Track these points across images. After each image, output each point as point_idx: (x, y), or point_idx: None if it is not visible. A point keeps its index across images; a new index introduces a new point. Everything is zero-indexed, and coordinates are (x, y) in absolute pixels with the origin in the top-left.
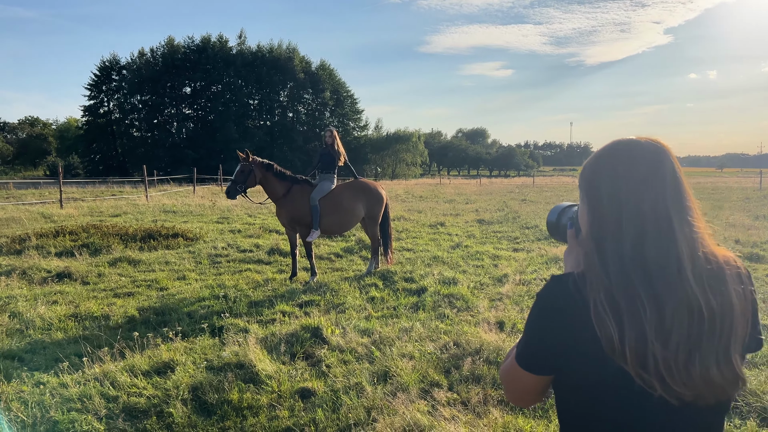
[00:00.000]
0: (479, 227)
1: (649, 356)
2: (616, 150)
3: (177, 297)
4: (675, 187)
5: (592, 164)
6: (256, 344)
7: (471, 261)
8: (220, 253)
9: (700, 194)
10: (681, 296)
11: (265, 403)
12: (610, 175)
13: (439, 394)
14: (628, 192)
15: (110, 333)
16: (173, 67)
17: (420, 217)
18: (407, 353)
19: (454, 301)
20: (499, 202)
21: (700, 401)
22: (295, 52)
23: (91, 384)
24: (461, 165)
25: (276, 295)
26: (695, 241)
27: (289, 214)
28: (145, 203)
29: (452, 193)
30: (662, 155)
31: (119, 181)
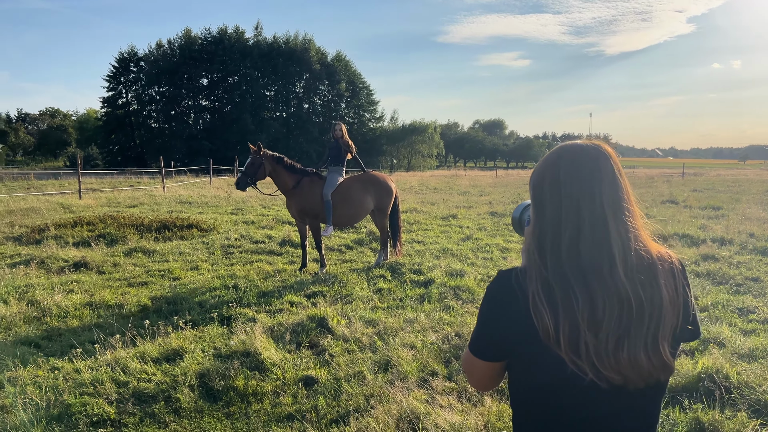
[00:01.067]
0: (491, 219)
1: (582, 344)
2: (561, 153)
3: (189, 287)
4: (613, 188)
5: (538, 168)
6: (262, 333)
7: (480, 253)
8: (233, 243)
9: (719, 187)
10: (612, 290)
11: (269, 390)
12: (553, 178)
13: (437, 383)
14: (567, 194)
15: (123, 321)
16: (190, 58)
17: (432, 209)
18: (409, 343)
19: (460, 293)
20: (514, 194)
21: (629, 385)
22: (311, 43)
23: (103, 370)
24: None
25: (285, 285)
26: (629, 239)
27: (299, 206)
28: (162, 194)
29: (467, 185)
30: (602, 159)
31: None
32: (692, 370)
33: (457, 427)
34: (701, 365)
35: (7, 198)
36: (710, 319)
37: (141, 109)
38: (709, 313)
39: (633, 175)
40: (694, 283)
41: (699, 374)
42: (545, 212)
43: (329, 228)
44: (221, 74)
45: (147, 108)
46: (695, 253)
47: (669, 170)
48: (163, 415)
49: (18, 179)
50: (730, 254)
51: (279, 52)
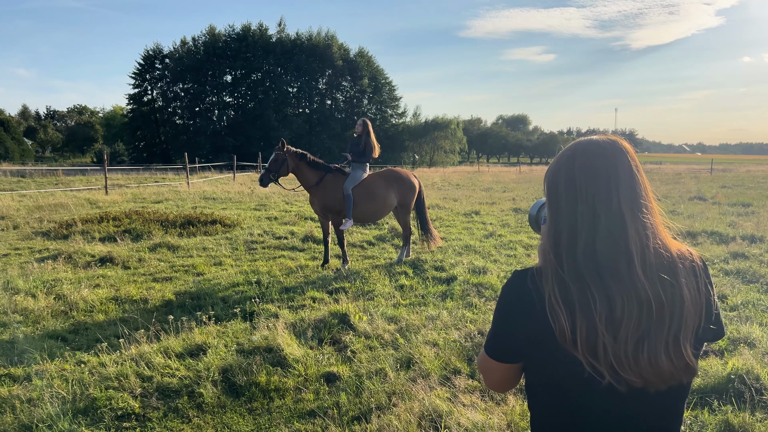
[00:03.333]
0: (514, 216)
1: (599, 346)
2: (576, 150)
3: (212, 282)
4: (630, 185)
5: (553, 165)
6: (284, 329)
7: (503, 250)
8: (255, 239)
9: (749, 183)
10: (630, 289)
11: (291, 386)
12: (568, 174)
13: (459, 382)
14: (583, 191)
15: (147, 316)
16: (214, 55)
17: (455, 205)
18: (431, 341)
19: (482, 290)
20: (538, 190)
21: (650, 387)
22: (333, 39)
23: (128, 364)
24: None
25: (307, 281)
26: (647, 237)
27: (322, 202)
28: (186, 190)
29: (490, 181)
30: (619, 155)
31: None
32: (721, 371)
33: (480, 426)
34: (731, 366)
35: (36, 194)
36: (740, 318)
37: (166, 105)
38: (739, 312)
39: (659, 171)
40: (723, 281)
41: (728, 375)
42: (561, 211)
43: (348, 221)
44: (245, 71)
45: (172, 104)
46: (724, 251)
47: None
48: (187, 410)
49: (46, 175)
50: (761, 252)
51: (302, 49)
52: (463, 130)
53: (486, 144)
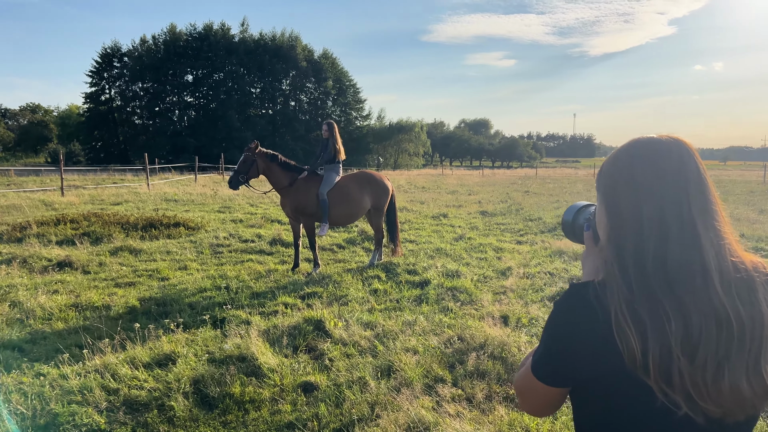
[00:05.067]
0: (482, 219)
1: (675, 371)
2: (636, 150)
3: (178, 287)
4: (700, 189)
5: (610, 165)
6: (258, 337)
7: (474, 253)
8: (221, 243)
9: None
10: (708, 307)
11: (267, 397)
12: (630, 176)
13: (443, 390)
14: (648, 195)
15: (111, 323)
16: (175, 54)
17: (423, 208)
18: (411, 347)
19: (457, 294)
20: (502, 193)
21: (728, 418)
22: (297, 41)
23: (92, 376)
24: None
25: (278, 286)
26: (722, 247)
27: (294, 204)
28: (147, 191)
29: (455, 184)
30: (685, 155)
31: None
32: None
33: None
34: None
35: None
36: None
37: (125, 105)
38: None
39: None
40: None
41: None
42: (623, 219)
43: (325, 227)
44: (206, 71)
45: (131, 104)
46: None
47: None
48: (157, 424)
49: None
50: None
51: (265, 49)
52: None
53: (449, 147)
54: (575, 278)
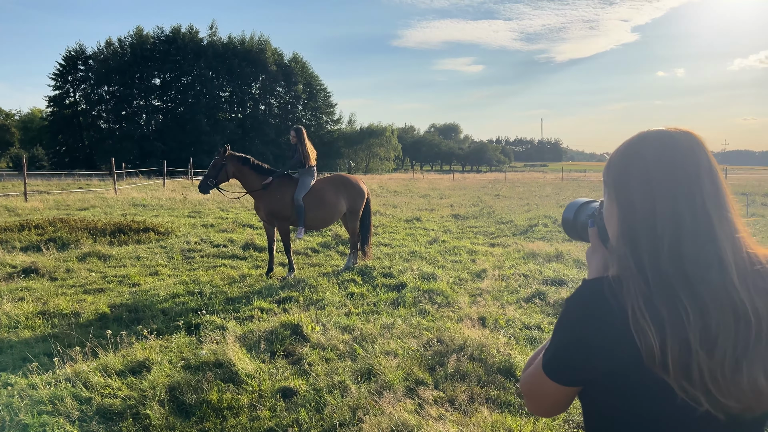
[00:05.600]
0: (455, 222)
1: (694, 367)
2: (647, 142)
3: (150, 293)
4: (712, 181)
5: (619, 158)
6: (234, 342)
7: (449, 256)
8: (193, 248)
9: None
10: (725, 301)
11: (245, 403)
12: (641, 170)
13: (425, 393)
14: (661, 188)
15: (81, 331)
16: (142, 57)
17: (395, 212)
18: (390, 350)
19: (434, 296)
20: (473, 197)
21: (746, 414)
22: (267, 44)
23: (63, 385)
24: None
25: (253, 291)
26: (737, 240)
27: (268, 208)
28: (114, 196)
29: (426, 188)
30: (696, 147)
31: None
32: None
33: None
34: None
35: None
36: None
37: (90, 108)
38: None
39: (585, 178)
40: None
41: None
42: (635, 213)
43: (301, 230)
44: (174, 74)
45: (96, 108)
46: None
47: None
48: None
49: None
50: None
51: (234, 53)
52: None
53: (420, 152)
54: (548, 279)
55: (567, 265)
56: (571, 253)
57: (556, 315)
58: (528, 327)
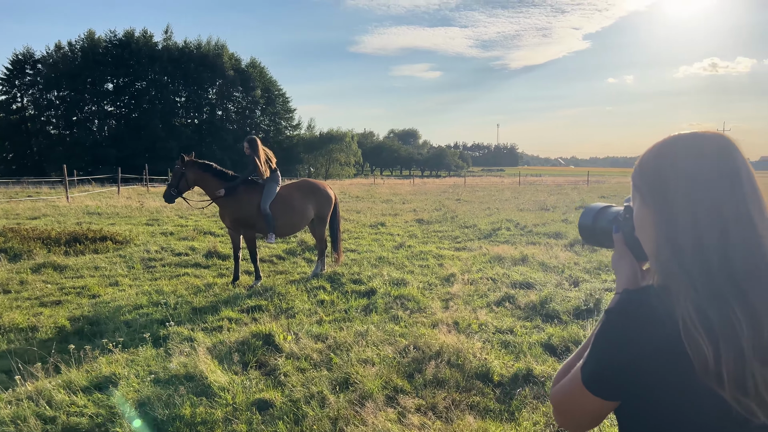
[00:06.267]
0: (419, 227)
1: (748, 377)
2: (682, 146)
3: (111, 305)
4: (750, 182)
5: (653, 161)
6: (206, 354)
7: (416, 261)
8: (153, 256)
9: (623, 193)
10: None
11: (220, 418)
12: (681, 172)
13: (405, 401)
14: (702, 193)
15: (40, 346)
16: (94, 62)
17: (359, 217)
18: (366, 358)
19: (405, 302)
20: (435, 201)
21: None
22: (224, 49)
23: (25, 404)
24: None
25: (219, 300)
26: None
27: (233, 215)
28: (66, 205)
29: (388, 193)
30: (732, 149)
31: (35, 182)
32: None
33: None
34: None
35: None
36: None
37: (39, 114)
38: None
39: (542, 182)
40: None
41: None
42: (676, 218)
43: (272, 236)
44: (128, 79)
45: (45, 113)
46: None
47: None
48: None
49: None
50: None
51: (190, 57)
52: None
53: (379, 157)
54: (516, 283)
55: (533, 268)
56: (536, 256)
57: (527, 318)
58: (501, 331)
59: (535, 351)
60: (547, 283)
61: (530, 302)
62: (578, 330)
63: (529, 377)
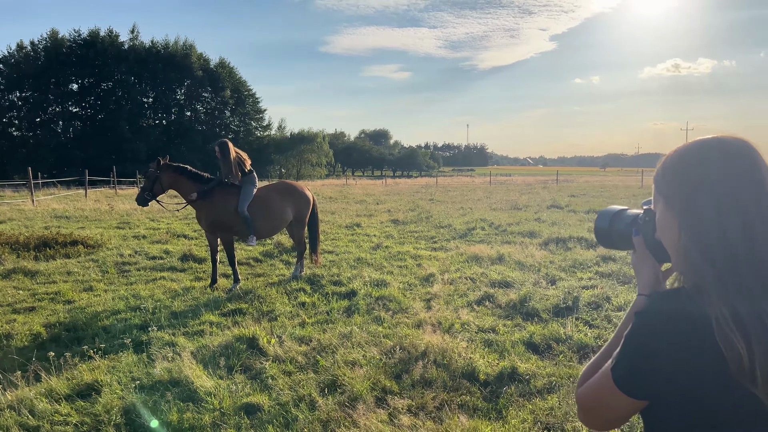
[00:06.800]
0: (395, 227)
1: None
2: (707, 148)
3: (88, 310)
4: None
5: (678, 166)
6: (191, 359)
7: (394, 261)
8: (127, 260)
9: (591, 192)
10: None
11: (208, 423)
12: (706, 176)
13: (395, 402)
14: (729, 194)
15: (16, 354)
16: (57, 62)
17: (334, 218)
18: (352, 360)
19: (387, 303)
20: (409, 202)
21: None
22: (192, 49)
23: (7, 414)
24: (365, 166)
25: (199, 304)
26: None
27: (210, 218)
28: (32, 208)
29: (361, 194)
30: (755, 153)
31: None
32: None
33: None
34: None
35: None
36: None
37: (0, 116)
38: (625, 311)
39: (512, 182)
40: (603, 283)
41: None
42: (702, 222)
43: (253, 238)
44: (93, 79)
45: (7, 115)
46: (594, 255)
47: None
48: None
49: None
50: (624, 255)
51: (158, 58)
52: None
53: (351, 158)
54: (495, 282)
55: (510, 267)
56: (512, 255)
57: (508, 317)
58: (483, 330)
59: (518, 349)
60: (525, 281)
61: (510, 301)
62: (559, 328)
63: (514, 375)
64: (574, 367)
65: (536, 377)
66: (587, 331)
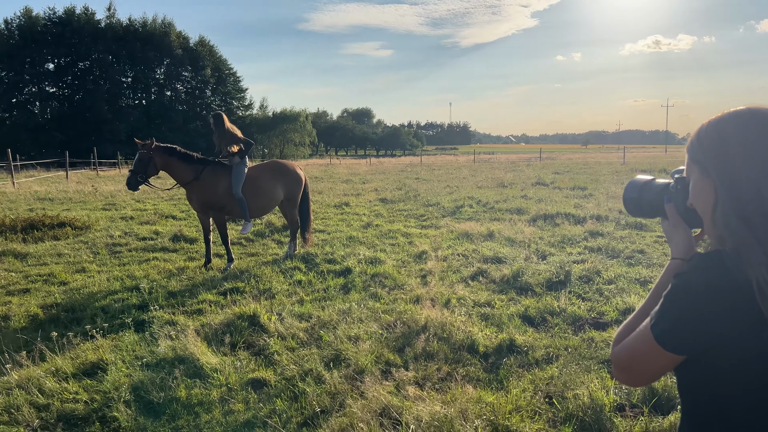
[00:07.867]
0: (384, 206)
1: None
2: (742, 118)
3: (83, 291)
4: None
5: (713, 133)
6: (195, 336)
7: (386, 240)
8: (117, 242)
9: (575, 169)
10: None
11: (216, 398)
12: (741, 142)
13: (400, 374)
14: (764, 159)
15: (14, 335)
16: (32, 41)
17: (322, 198)
18: (354, 335)
19: (382, 280)
20: (395, 181)
21: None
22: (171, 27)
23: (16, 392)
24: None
25: (195, 284)
26: None
27: (201, 199)
28: (14, 191)
29: (346, 173)
30: None
31: None
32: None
33: (439, 417)
34: None
35: None
36: (618, 291)
37: None
38: (616, 285)
39: (495, 159)
40: (593, 258)
41: None
42: (739, 188)
43: (248, 225)
44: (70, 59)
45: None
46: (582, 230)
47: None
48: None
49: None
50: (612, 229)
51: (136, 36)
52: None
53: (334, 137)
54: (487, 258)
55: (500, 243)
56: (502, 232)
57: (502, 292)
58: (479, 304)
59: (515, 322)
60: (517, 257)
61: (503, 276)
62: (552, 301)
63: (513, 347)
64: (569, 338)
65: (534, 349)
66: (580, 304)
